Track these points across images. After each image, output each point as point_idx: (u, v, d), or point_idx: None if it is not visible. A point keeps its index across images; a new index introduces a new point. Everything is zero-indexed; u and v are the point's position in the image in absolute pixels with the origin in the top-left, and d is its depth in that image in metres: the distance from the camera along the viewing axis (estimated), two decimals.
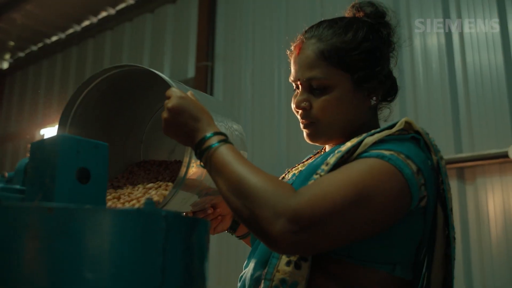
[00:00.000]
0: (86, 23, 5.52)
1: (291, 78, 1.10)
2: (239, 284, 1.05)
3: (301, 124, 1.09)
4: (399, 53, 1.16)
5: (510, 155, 2.51)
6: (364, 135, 0.98)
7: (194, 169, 1.01)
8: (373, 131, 0.99)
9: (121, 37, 5.08)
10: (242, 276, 1.06)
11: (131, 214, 0.62)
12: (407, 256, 0.98)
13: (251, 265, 1.02)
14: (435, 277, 0.98)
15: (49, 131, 5.39)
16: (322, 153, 1.18)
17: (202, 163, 0.93)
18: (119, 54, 5.01)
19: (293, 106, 1.09)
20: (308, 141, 1.09)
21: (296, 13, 3.65)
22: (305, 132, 1.09)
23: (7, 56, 6.61)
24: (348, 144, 0.97)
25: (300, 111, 1.07)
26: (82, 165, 0.73)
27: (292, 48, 1.11)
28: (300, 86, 1.07)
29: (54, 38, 5.93)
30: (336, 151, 0.97)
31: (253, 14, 3.93)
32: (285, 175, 1.19)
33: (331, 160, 0.95)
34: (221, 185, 0.89)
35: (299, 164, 1.19)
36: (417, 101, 2.92)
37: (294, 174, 1.13)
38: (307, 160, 1.21)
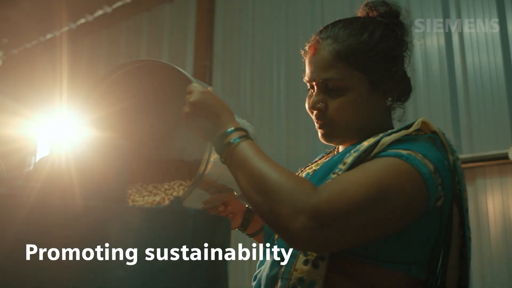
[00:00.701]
0: (82, 21, 5.48)
1: (306, 78, 1.09)
2: (253, 283, 1.05)
3: (316, 124, 1.08)
4: None
5: (510, 156, 2.52)
6: (381, 135, 0.98)
7: (210, 166, 1.01)
8: (390, 131, 0.99)
9: (117, 36, 5.05)
10: (257, 275, 1.05)
11: (161, 212, 0.61)
12: (422, 255, 0.98)
13: (267, 263, 1.02)
14: (450, 277, 0.98)
15: (45, 130, 5.35)
16: (335, 152, 1.18)
17: (222, 159, 0.93)
18: (115, 53, 4.98)
19: (307, 106, 1.08)
20: (323, 141, 1.09)
21: (295, 13, 3.65)
22: (320, 132, 1.08)
23: (1, 53, 6.55)
24: (365, 144, 0.97)
25: (315, 112, 1.06)
26: (102, 163, 0.72)
27: (307, 48, 1.10)
28: (315, 86, 1.06)
29: (48, 36, 5.89)
30: (352, 151, 0.97)
31: (252, 13, 3.92)
32: (299, 174, 1.18)
33: (348, 159, 0.95)
34: (242, 181, 0.89)
35: (312, 164, 1.19)
36: (417, 102, 2.93)
37: (308, 173, 1.13)
38: (320, 159, 1.21)
